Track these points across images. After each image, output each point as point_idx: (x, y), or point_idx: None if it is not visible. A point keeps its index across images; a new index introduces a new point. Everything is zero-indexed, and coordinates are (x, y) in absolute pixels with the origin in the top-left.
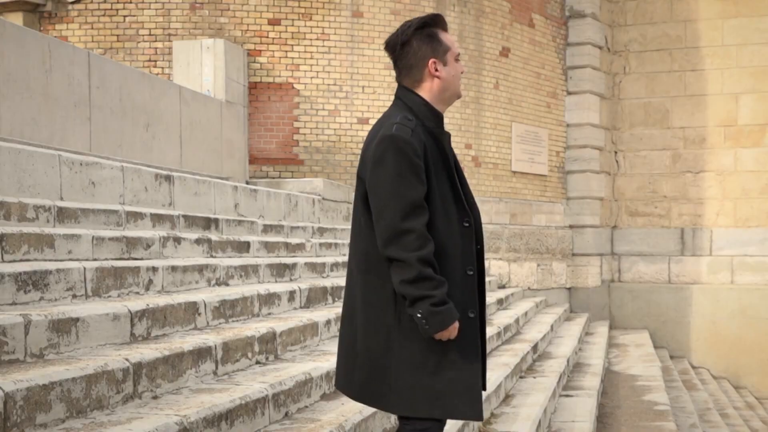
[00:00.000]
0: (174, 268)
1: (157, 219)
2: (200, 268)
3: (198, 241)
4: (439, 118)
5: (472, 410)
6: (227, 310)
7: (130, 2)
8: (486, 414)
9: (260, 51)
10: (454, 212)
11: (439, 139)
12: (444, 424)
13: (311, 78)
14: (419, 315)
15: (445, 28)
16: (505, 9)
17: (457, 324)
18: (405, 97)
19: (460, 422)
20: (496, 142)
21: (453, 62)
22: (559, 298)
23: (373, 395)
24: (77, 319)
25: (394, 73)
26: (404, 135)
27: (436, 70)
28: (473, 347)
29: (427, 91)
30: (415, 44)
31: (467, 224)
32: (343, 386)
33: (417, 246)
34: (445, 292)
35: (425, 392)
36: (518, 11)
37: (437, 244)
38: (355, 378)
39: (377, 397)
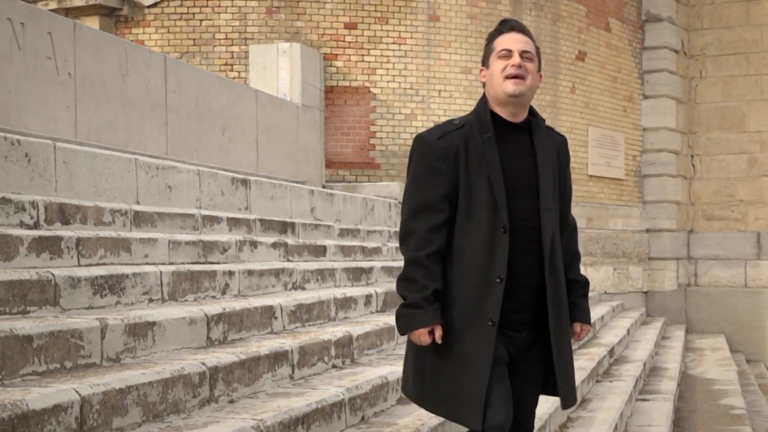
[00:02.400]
0: (250, 272)
1: (234, 223)
2: (277, 272)
3: (274, 245)
4: (484, 120)
5: (473, 419)
6: (304, 314)
7: (207, 6)
8: (562, 418)
9: (336, 55)
10: (485, 218)
11: (486, 143)
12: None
13: (387, 82)
14: (396, 313)
15: (509, 30)
16: (582, 13)
17: (427, 330)
18: (479, 101)
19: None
20: (572, 146)
21: (494, 61)
22: (636, 302)
23: (411, 390)
24: (153, 323)
25: (470, 77)
26: (429, 137)
27: (483, 76)
28: (485, 357)
29: (487, 95)
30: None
31: (504, 231)
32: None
33: (415, 247)
34: (423, 297)
35: (441, 392)
36: (595, 15)
37: (458, 246)
38: (403, 373)
39: (414, 391)
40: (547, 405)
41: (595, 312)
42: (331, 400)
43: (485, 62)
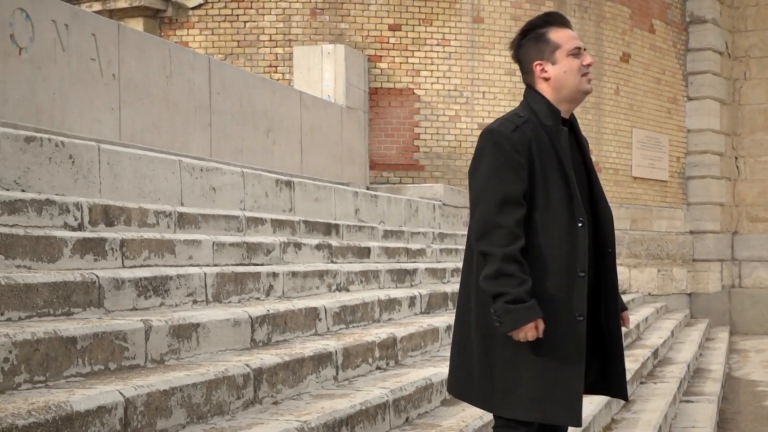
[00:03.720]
0: (294, 274)
1: (278, 224)
2: (321, 274)
3: (318, 247)
4: (556, 115)
5: (570, 416)
6: (348, 315)
7: (251, 8)
8: (606, 419)
9: (381, 57)
10: (563, 211)
11: (555, 137)
12: (540, 426)
13: (432, 84)
14: (493, 311)
15: (561, 25)
16: (626, 15)
17: (534, 325)
18: (528, 95)
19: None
20: (616, 148)
21: (565, 58)
22: (680, 304)
23: (476, 394)
24: (198, 325)
25: (514, 78)
26: (504, 130)
27: (543, 71)
28: (578, 351)
29: (545, 91)
30: (522, 49)
31: (581, 224)
32: (449, 384)
33: (505, 242)
34: (525, 291)
35: (525, 394)
36: (639, 17)
37: (536, 242)
38: (460, 375)
39: (480, 395)
40: (591, 406)
41: (639, 314)
42: (375, 402)
43: (541, 57)
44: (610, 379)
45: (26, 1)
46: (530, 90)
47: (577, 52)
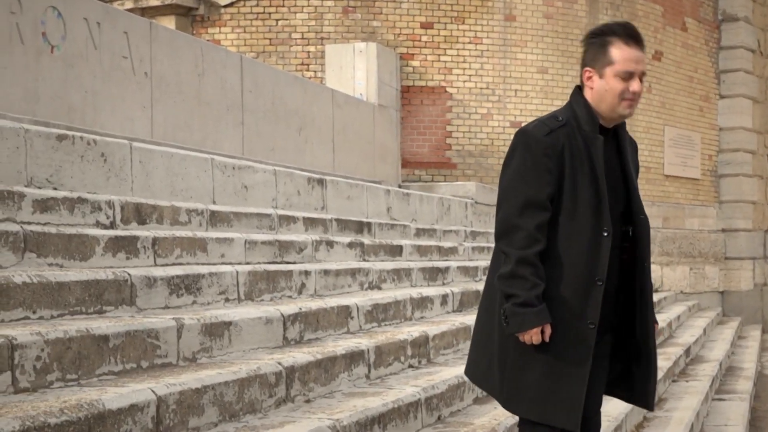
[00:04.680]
0: (326, 272)
1: (310, 223)
2: (353, 272)
3: (350, 245)
4: (595, 122)
5: (568, 420)
6: (380, 313)
7: (283, 6)
8: (638, 417)
9: (413, 55)
10: (588, 219)
11: (591, 144)
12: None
13: (464, 82)
14: (502, 311)
15: (629, 41)
16: (658, 12)
17: (539, 330)
18: (573, 97)
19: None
20: (648, 146)
21: (612, 77)
22: (712, 302)
23: (494, 385)
24: (230, 323)
25: (546, 76)
26: (537, 133)
27: (590, 79)
28: (585, 358)
29: (588, 96)
30: (584, 48)
31: (606, 234)
32: (468, 370)
33: (522, 245)
34: (536, 296)
35: (528, 394)
36: (671, 15)
37: (557, 247)
38: (480, 363)
39: (498, 389)
40: (622, 405)
41: (672, 312)
42: (407, 400)
43: (593, 65)
44: (634, 387)
45: None
46: (577, 91)
47: (627, 76)
